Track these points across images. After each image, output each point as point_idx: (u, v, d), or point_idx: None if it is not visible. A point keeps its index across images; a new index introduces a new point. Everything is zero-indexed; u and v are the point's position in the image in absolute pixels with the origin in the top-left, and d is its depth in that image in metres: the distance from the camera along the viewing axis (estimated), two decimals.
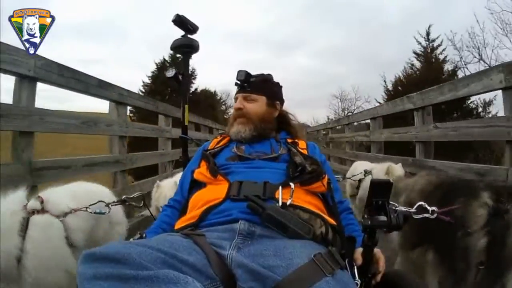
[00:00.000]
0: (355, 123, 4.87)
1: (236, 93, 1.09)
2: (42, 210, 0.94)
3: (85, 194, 1.12)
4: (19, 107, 1.46)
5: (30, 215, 0.90)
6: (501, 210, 0.90)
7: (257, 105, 1.05)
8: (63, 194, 1.06)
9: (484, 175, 1.61)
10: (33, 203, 0.94)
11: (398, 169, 1.95)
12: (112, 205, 1.09)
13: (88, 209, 1.01)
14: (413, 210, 0.76)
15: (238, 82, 1.07)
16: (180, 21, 1.42)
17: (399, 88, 6.98)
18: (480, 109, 6.29)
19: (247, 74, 1.05)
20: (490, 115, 5.97)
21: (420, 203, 0.76)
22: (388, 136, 3.09)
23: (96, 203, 1.04)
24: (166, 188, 1.51)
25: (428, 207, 0.76)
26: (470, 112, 6.21)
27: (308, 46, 34.24)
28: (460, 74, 7.35)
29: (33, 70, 1.48)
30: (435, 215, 0.81)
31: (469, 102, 6.19)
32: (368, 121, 3.85)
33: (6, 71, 1.39)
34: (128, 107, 2.70)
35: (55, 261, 0.91)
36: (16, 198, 0.93)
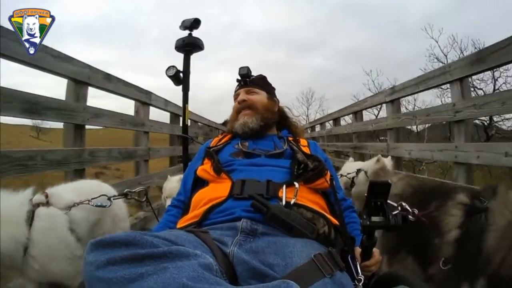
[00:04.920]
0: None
1: (237, 90, 1.11)
2: (47, 203, 0.98)
3: (89, 191, 1.13)
4: None
5: (36, 208, 0.94)
6: (478, 209, 0.90)
7: (260, 96, 1.08)
8: (67, 190, 1.10)
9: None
10: (39, 197, 0.98)
11: (386, 161, 2.05)
12: (114, 199, 1.12)
13: (90, 202, 1.04)
14: (396, 212, 0.73)
15: (240, 78, 1.09)
16: (184, 27, 1.46)
17: None
18: None
19: (249, 69, 1.09)
20: None
21: (401, 203, 0.76)
22: (362, 126, 3.90)
23: (98, 196, 1.07)
24: (171, 182, 1.69)
25: (409, 209, 0.76)
26: None
27: (327, 47, 34.41)
28: None
29: None
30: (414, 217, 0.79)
31: None
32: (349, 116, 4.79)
33: None
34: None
35: (59, 250, 0.95)
36: (24, 194, 0.98)
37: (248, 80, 1.09)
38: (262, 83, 1.12)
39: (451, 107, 2.00)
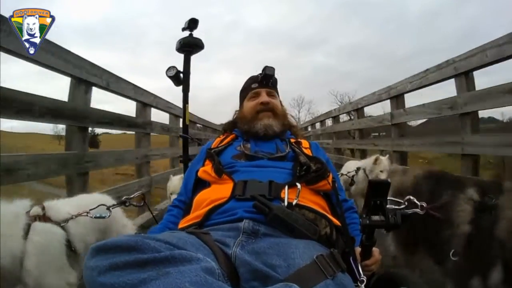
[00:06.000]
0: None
1: (257, 87, 1.07)
2: (44, 216, 0.94)
3: (89, 203, 1.08)
4: None
5: (32, 221, 0.91)
6: (487, 205, 0.91)
7: (278, 101, 1.08)
8: (65, 203, 1.06)
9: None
10: (36, 210, 0.95)
11: (384, 160, 2.27)
12: (112, 208, 1.07)
13: (88, 214, 1.00)
14: (402, 206, 0.71)
15: (263, 76, 1.05)
16: (184, 28, 1.48)
17: None
18: None
19: (275, 71, 1.05)
20: None
21: (409, 197, 0.73)
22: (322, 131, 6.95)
23: (96, 207, 1.03)
24: (174, 181, 1.92)
25: (417, 202, 0.73)
26: None
27: (328, 45, 34.47)
28: None
29: None
30: (424, 210, 0.75)
31: None
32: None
33: None
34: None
35: (53, 267, 0.92)
36: (20, 204, 0.95)
37: (271, 82, 1.07)
38: (276, 85, 1.12)
39: (350, 122, 4.74)
